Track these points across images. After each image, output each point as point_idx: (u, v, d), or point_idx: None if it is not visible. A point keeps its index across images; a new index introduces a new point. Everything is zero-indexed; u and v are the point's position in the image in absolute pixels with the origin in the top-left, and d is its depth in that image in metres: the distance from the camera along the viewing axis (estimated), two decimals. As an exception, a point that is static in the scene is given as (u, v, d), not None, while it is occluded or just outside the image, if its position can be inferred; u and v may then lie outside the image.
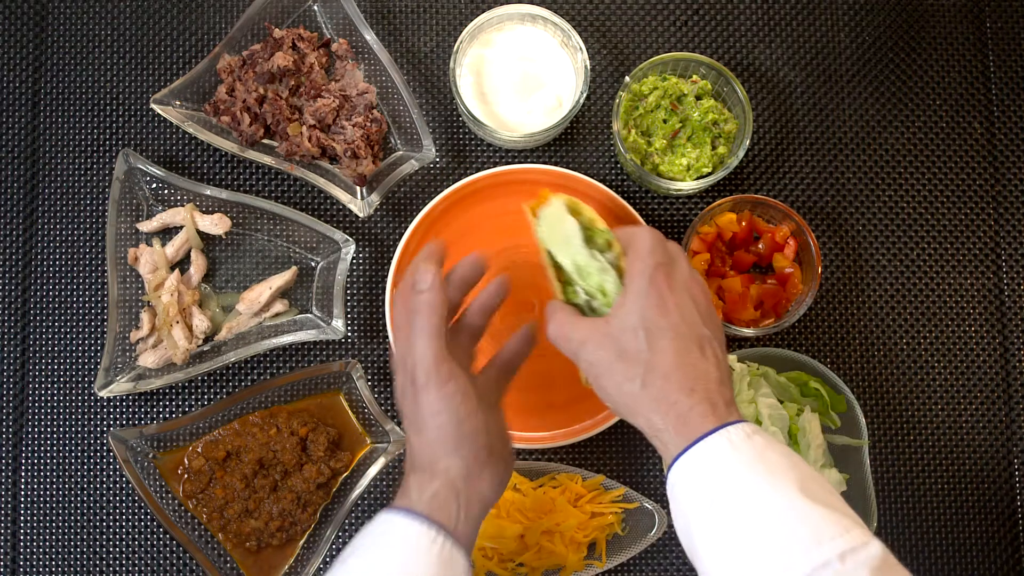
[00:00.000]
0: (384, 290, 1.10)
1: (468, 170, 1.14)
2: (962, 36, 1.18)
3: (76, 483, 1.10)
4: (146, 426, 1.07)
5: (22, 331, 1.12)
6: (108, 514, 1.10)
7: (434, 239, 0.81)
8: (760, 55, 1.17)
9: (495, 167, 1.10)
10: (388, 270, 1.09)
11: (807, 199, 1.15)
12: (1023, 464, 1.12)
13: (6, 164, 1.14)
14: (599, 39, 1.17)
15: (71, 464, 1.11)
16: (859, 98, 1.17)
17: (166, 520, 1.05)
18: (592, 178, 1.09)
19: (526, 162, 1.14)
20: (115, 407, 1.11)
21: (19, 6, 1.17)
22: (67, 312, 1.12)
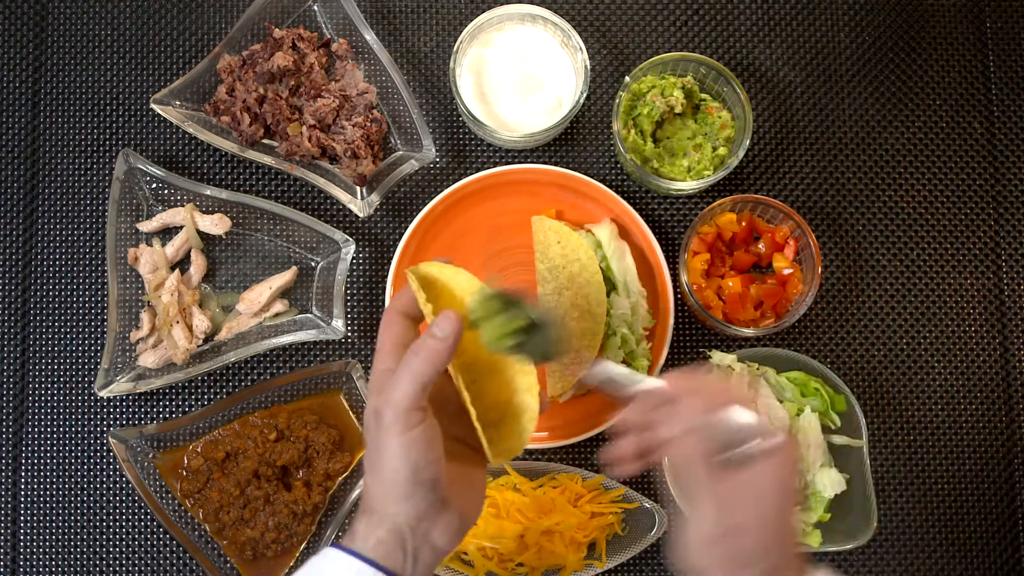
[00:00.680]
0: (384, 290, 1.10)
1: (468, 170, 1.14)
2: (962, 36, 1.18)
3: (76, 483, 1.10)
4: (146, 426, 1.07)
5: (22, 331, 1.12)
6: (108, 514, 1.10)
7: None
8: (760, 55, 1.17)
9: (495, 167, 1.10)
10: (388, 270, 1.09)
11: (807, 199, 1.15)
12: (1023, 464, 1.12)
13: (6, 164, 1.14)
14: (599, 39, 1.17)
15: (71, 464, 1.11)
16: (859, 98, 1.17)
17: (166, 520, 1.05)
18: (592, 178, 1.09)
19: (526, 162, 1.14)
20: (115, 407, 1.11)
21: (19, 6, 1.17)
22: (67, 312, 1.12)
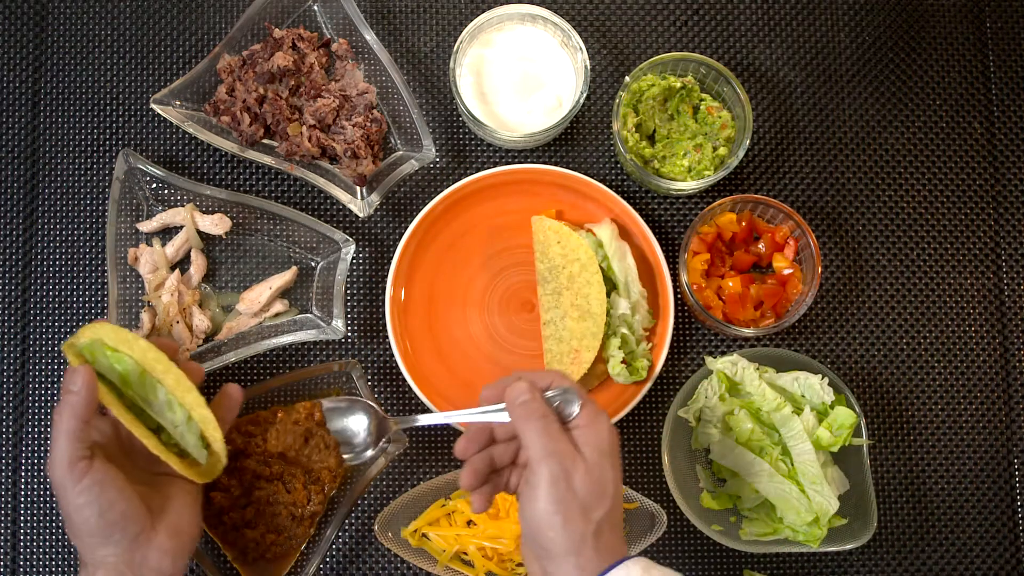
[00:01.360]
0: (384, 290, 1.10)
1: (468, 170, 1.14)
2: (962, 36, 1.18)
3: (76, 483, 1.10)
4: (146, 426, 1.07)
5: (22, 331, 1.12)
6: (108, 514, 1.10)
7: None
8: (760, 55, 1.17)
9: (495, 167, 1.10)
10: (388, 270, 1.09)
11: (807, 199, 1.15)
12: (1023, 464, 1.12)
13: (6, 164, 1.14)
14: (599, 39, 1.17)
15: (71, 464, 1.11)
16: (859, 98, 1.17)
17: (166, 520, 1.05)
18: (592, 178, 1.09)
19: (526, 162, 1.14)
20: (115, 407, 1.11)
21: (19, 6, 1.17)
22: (67, 312, 1.12)
